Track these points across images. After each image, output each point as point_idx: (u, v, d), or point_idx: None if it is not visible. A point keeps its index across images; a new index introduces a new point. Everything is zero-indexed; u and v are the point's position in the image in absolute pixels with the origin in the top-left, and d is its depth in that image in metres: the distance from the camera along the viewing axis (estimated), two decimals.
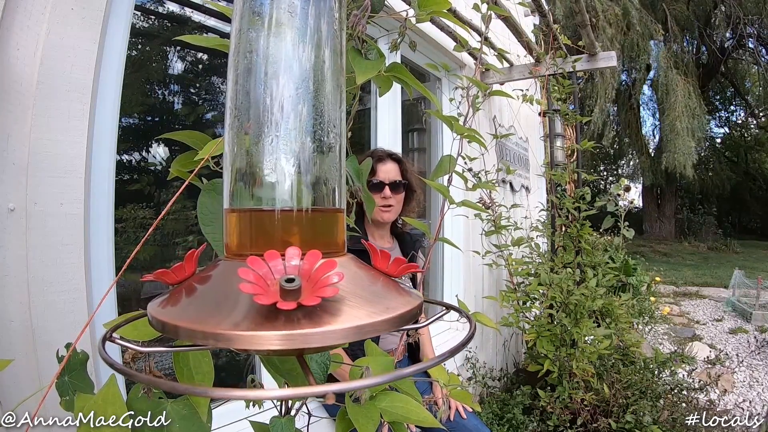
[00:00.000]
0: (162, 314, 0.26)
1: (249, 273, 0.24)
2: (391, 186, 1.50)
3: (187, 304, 0.27)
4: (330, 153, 0.30)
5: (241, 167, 0.30)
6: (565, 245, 2.60)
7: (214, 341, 0.23)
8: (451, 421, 1.44)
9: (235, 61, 0.30)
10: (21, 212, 0.81)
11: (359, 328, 0.24)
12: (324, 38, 0.30)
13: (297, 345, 0.23)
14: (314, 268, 0.25)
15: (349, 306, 0.25)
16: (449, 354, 0.28)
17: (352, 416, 0.55)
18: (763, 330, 4.48)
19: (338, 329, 0.24)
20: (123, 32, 1.01)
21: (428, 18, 0.66)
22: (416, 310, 0.29)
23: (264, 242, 0.28)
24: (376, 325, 0.25)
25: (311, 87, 0.29)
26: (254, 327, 0.23)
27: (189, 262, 0.30)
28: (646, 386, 2.10)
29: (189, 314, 0.26)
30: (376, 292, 0.28)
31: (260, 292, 0.23)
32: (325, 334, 0.23)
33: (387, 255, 0.32)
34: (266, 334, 0.23)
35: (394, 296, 0.29)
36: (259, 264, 0.25)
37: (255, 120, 0.29)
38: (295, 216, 0.29)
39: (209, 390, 0.29)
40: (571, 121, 2.72)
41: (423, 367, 0.26)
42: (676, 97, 9.35)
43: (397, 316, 0.26)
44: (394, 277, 0.32)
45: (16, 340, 0.80)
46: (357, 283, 0.28)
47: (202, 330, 0.24)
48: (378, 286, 0.29)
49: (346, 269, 0.28)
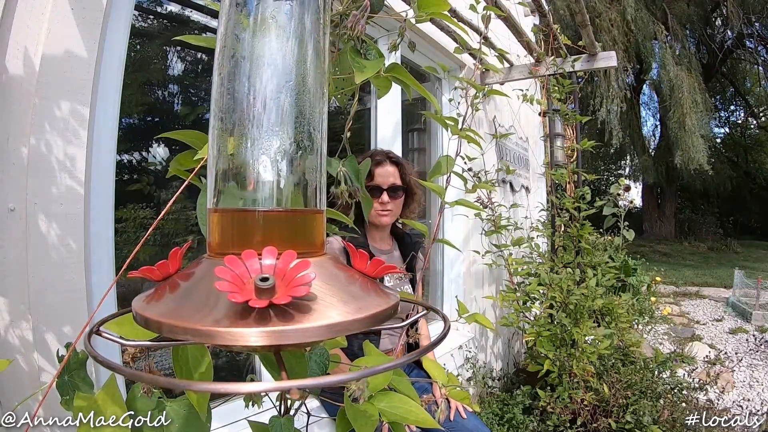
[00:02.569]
0: (146, 310, 0.27)
1: (226, 272, 0.25)
2: (390, 191, 1.47)
3: (170, 300, 0.28)
4: (311, 155, 0.31)
5: (223, 168, 0.30)
6: (565, 245, 2.60)
7: (193, 337, 0.24)
8: (451, 421, 1.44)
9: (219, 64, 0.31)
10: (21, 212, 0.81)
11: (331, 327, 0.25)
12: (306, 41, 0.31)
13: (272, 341, 0.24)
14: (289, 268, 0.26)
15: (322, 305, 0.26)
16: (423, 351, 0.30)
17: (351, 417, 0.55)
18: (763, 330, 4.48)
19: (311, 327, 0.24)
20: (123, 32, 1.01)
21: (428, 18, 0.66)
22: (390, 311, 0.29)
23: (243, 242, 0.29)
24: (348, 324, 0.26)
25: (293, 90, 0.30)
26: (233, 324, 0.24)
27: (173, 259, 0.31)
28: (646, 386, 2.10)
29: (171, 310, 0.26)
30: (351, 292, 0.29)
31: (235, 291, 0.24)
32: (298, 331, 0.24)
33: (365, 256, 0.33)
34: (241, 331, 0.23)
35: (370, 296, 0.30)
36: (236, 263, 0.26)
37: (237, 122, 0.30)
38: (273, 216, 0.30)
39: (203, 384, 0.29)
40: (571, 121, 2.72)
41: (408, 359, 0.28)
42: (682, 94, 9.29)
43: (370, 316, 0.27)
44: (373, 277, 0.33)
45: (15, 339, 0.80)
46: (332, 283, 0.29)
47: (183, 326, 0.24)
48: (355, 287, 0.30)
49: (323, 269, 0.29)
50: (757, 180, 14.93)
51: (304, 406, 0.70)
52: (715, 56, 11.91)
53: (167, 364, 1.27)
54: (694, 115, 9.31)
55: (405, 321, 0.38)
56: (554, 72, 2.52)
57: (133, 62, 1.38)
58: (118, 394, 0.49)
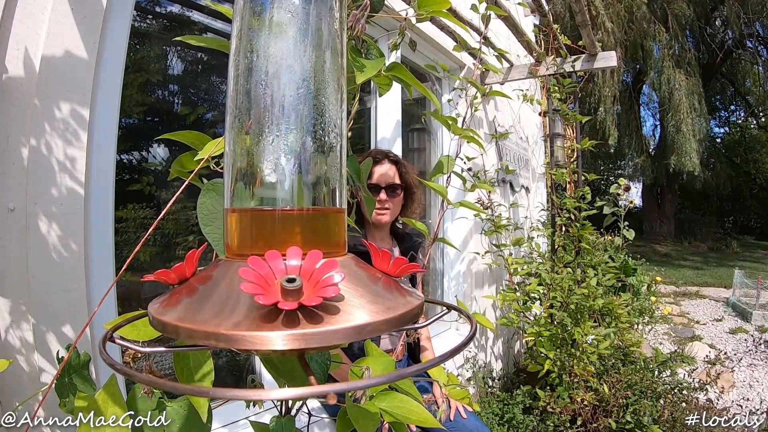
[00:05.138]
0: (162, 314, 0.26)
1: (250, 273, 0.24)
2: (388, 189, 1.47)
3: (187, 304, 0.27)
4: (331, 153, 0.30)
5: (241, 167, 0.30)
6: (565, 245, 2.60)
7: (215, 341, 0.23)
8: (451, 421, 1.44)
9: (235, 61, 0.30)
10: (21, 212, 0.81)
11: (360, 328, 0.24)
12: (324, 38, 0.30)
13: (298, 345, 0.23)
14: (315, 268, 0.25)
15: (350, 306, 0.25)
16: (450, 354, 0.27)
17: (352, 417, 0.55)
18: (763, 330, 4.48)
19: (339, 329, 0.23)
20: (123, 32, 1.01)
21: (428, 18, 0.66)
22: (417, 310, 0.29)
23: (265, 242, 0.28)
24: (377, 325, 0.25)
25: (312, 87, 0.29)
26: (255, 327, 0.23)
27: (189, 262, 0.30)
28: (647, 386, 2.10)
29: (190, 314, 0.25)
30: (376, 292, 0.28)
31: (261, 292, 0.23)
32: (326, 334, 0.23)
33: (387, 255, 0.32)
34: (268, 335, 0.23)
35: (395, 296, 0.29)
36: (260, 264, 0.25)
37: (255, 120, 0.29)
38: (295, 216, 0.29)
39: (210, 390, 0.29)
40: (572, 120, 2.72)
41: (424, 367, 0.25)
42: (680, 98, 9.32)
43: (398, 316, 0.26)
44: (395, 277, 0.32)
45: (15, 340, 0.80)
46: (358, 283, 0.28)
47: (203, 330, 0.23)
48: (378, 286, 0.29)
49: (347, 269, 0.28)
50: (756, 180, 14.93)
51: (305, 406, 0.70)
52: (715, 56, 11.91)
53: (168, 365, 1.27)
54: (690, 119, 9.35)
55: (422, 322, 0.37)
56: (554, 72, 2.52)
57: (133, 62, 1.37)
58: (118, 394, 0.49)
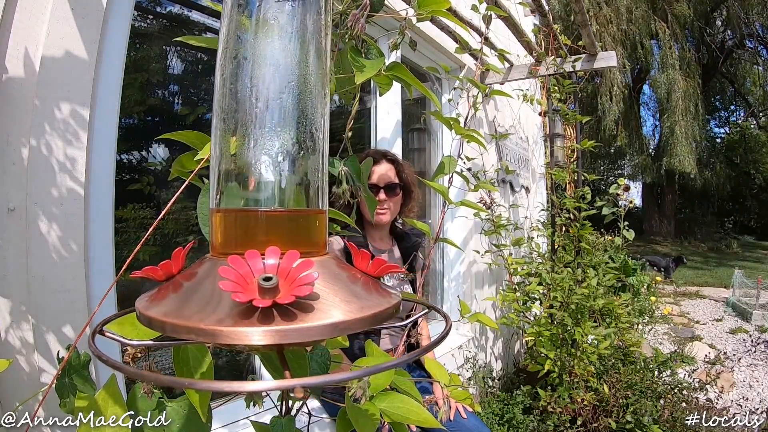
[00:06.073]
0: (149, 309, 0.27)
1: (229, 271, 0.25)
2: (386, 189, 1.48)
3: (173, 300, 0.28)
4: (312, 155, 0.31)
5: (225, 168, 0.31)
6: (565, 245, 2.60)
7: (197, 336, 0.24)
8: (452, 421, 1.44)
9: (221, 64, 0.31)
10: (21, 212, 0.81)
11: (334, 326, 0.25)
12: (308, 42, 0.31)
13: (275, 340, 0.24)
14: (292, 267, 0.26)
15: (325, 304, 0.26)
16: (423, 351, 0.30)
17: (352, 417, 0.55)
18: (762, 330, 4.48)
19: (314, 326, 0.25)
20: (123, 32, 1.01)
21: (428, 17, 0.66)
22: (392, 310, 0.30)
23: (246, 242, 0.29)
24: (350, 323, 0.26)
25: (295, 90, 0.30)
26: (236, 323, 0.24)
27: (176, 259, 0.31)
28: (647, 386, 2.10)
29: (175, 310, 0.27)
30: (354, 292, 0.29)
31: (238, 290, 0.24)
32: (300, 331, 0.24)
33: (367, 255, 0.33)
34: (245, 330, 0.24)
35: (372, 296, 0.30)
36: (240, 263, 0.26)
37: (239, 122, 0.30)
38: (276, 216, 0.30)
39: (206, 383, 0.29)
40: (572, 121, 2.72)
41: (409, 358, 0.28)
42: (677, 100, 9.36)
43: (372, 315, 0.27)
44: (374, 276, 0.33)
45: (15, 340, 0.80)
46: (335, 283, 0.29)
47: (186, 325, 0.25)
48: (357, 286, 0.30)
49: (326, 269, 0.29)
50: (756, 180, 14.93)
51: (305, 406, 0.70)
52: (715, 56, 11.91)
53: (168, 364, 1.27)
54: (684, 122, 9.41)
55: (406, 320, 0.38)
56: (554, 72, 2.52)
57: (133, 62, 1.37)
58: (118, 394, 0.49)
